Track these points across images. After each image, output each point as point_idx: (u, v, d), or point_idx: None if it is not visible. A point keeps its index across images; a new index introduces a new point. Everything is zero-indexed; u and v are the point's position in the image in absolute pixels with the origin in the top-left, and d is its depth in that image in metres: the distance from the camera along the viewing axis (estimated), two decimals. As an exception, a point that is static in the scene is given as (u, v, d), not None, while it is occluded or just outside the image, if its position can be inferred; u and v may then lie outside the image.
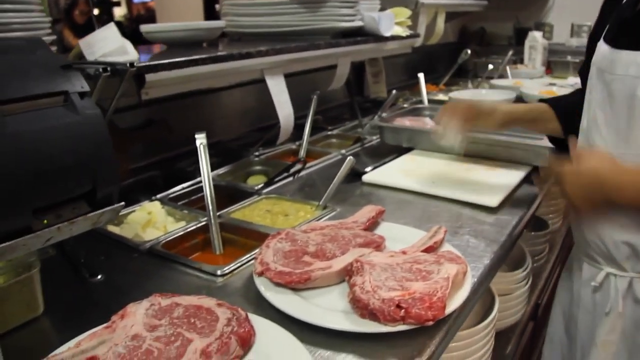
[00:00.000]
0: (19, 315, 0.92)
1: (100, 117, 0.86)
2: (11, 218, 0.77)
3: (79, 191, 0.86)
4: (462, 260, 0.99)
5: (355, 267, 0.95)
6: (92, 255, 1.16)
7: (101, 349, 0.77)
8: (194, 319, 0.82)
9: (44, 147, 0.79)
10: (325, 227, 1.14)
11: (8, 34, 1.05)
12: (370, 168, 1.66)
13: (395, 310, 0.84)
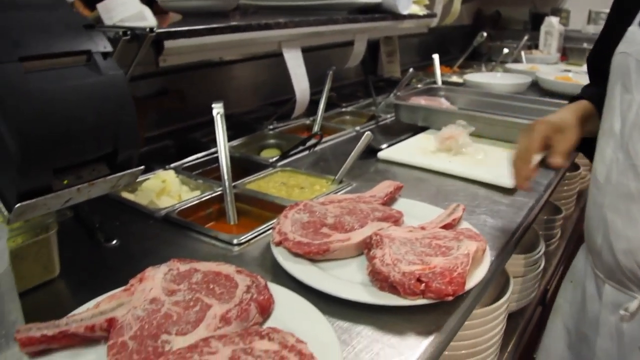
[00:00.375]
0: (35, 276, 0.92)
1: (123, 78, 0.85)
2: (32, 177, 0.76)
3: (100, 153, 0.85)
4: (482, 238, 0.98)
5: (375, 240, 0.94)
6: (107, 221, 1.15)
7: (120, 311, 0.77)
8: (212, 285, 0.82)
9: (67, 106, 0.78)
10: (343, 200, 1.13)
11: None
12: (385, 145, 1.65)
13: (416, 284, 0.83)
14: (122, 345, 0.71)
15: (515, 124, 1.64)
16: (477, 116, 1.69)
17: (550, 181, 1.47)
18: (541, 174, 1.50)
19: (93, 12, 1.26)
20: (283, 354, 0.65)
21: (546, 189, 1.42)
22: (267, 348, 0.67)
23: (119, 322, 0.75)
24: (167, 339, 0.72)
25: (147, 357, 0.69)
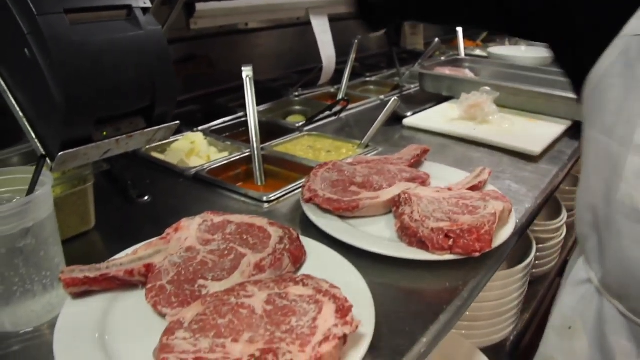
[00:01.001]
0: (73, 226, 0.95)
1: (161, 32, 0.87)
2: (75, 126, 0.79)
3: (138, 106, 0.87)
4: (508, 199, 0.99)
5: (403, 198, 0.96)
6: (138, 179, 1.18)
7: (157, 257, 0.80)
8: (246, 236, 0.84)
9: (108, 58, 0.80)
10: (371, 161, 1.15)
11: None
12: (410, 113, 1.66)
13: (444, 240, 0.85)
14: (160, 288, 0.74)
15: (540, 95, 1.64)
16: (502, 86, 1.69)
17: (574, 151, 1.47)
18: (566, 144, 1.51)
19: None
20: (318, 298, 0.68)
21: (570, 158, 1.43)
22: (301, 293, 0.69)
23: (157, 268, 0.78)
24: (203, 283, 0.75)
25: (184, 299, 0.72)
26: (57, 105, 0.75)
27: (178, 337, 0.62)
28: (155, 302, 0.72)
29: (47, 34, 0.73)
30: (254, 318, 0.65)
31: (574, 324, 0.99)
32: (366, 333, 0.66)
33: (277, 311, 0.66)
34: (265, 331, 0.63)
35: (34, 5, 0.73)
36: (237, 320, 0.65)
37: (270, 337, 0.61)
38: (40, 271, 0.73)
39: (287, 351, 0.59)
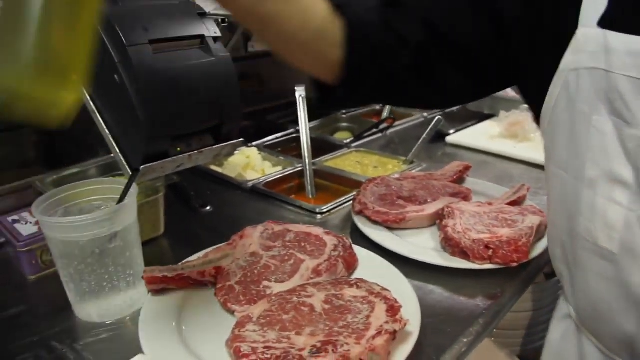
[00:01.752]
0: (146, 232, 1.04)
1: (230, 59, 0.96)
2: (155, 143, 0.89)
3: (208, 124, 0.97)
4: (544, 214, 1.06)
5: (447, 211, 1.03)
6: (200, 191, 1.29)
7: (225, 261, 0.89)
8: (304, 243, 0.93)
9: (185, 83, 0.90)
10: (416, 176, 1.23)
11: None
12: (453, 131, 1.73)
13: (484, 250, 0.92)
14: (230, 288, 0.83)
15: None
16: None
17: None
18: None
19: (190, 2, 1.40)
20: (370, 299, 0.76)
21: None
22: (355, 294, 0.78)
23: (225, 270, 0.87)
24: (267, 284, 0.84)
25: (251, 298, 0.81)
26: (140, 124, 0.85)
27: (248, 330, 0.71)
28: (226, 300, 0.81)
29: (135, 62, 0.83)
30: (314, 315, 0.74)
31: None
32: (413, 331, 0.74)
33: (334, 309, 0.75)
34: (324, 326, 0.71)
35: (125, 37, 0.83)
36: (299, 317, 0.73)
37: (329, 331, 0.70)
38: (126, 270, 0.83)
39: (345, 343, 0.67)
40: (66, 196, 0.85)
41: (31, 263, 0.94)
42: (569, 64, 0.71)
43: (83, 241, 0.77)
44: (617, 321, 0.77)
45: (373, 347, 0.66)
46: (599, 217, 0.74)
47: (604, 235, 0.74)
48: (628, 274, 0.72)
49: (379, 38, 0.84)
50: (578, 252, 0.79)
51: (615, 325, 0.78)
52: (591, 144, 0.72)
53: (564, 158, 0.78)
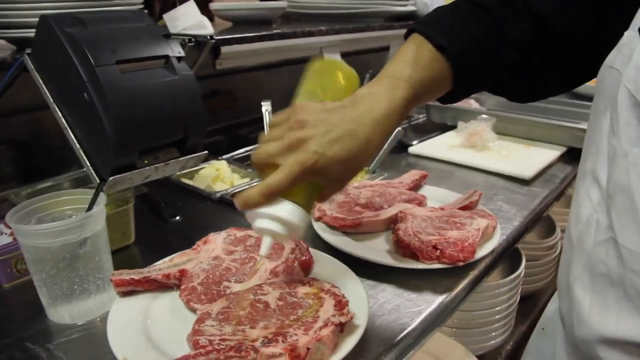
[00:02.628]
0: (116, 241, 1.10)
1: (193, 78, 1.04)
2: (123, 156, 0.95)
3: (173, 138, 1.03)
4: (493, 217, 1.13)
5: (400, 216, 1.11)
6: (170, 202, 1.35)
7: (189, 264, 0.96)
8: (263, 247, 1.00)
9: (150, 100, 0.97)
10: (374, 185, 1.30)
11: (111, 7, 1.24)
12: (416, 142, 1.81)
13: (432, 250, 0.99)
14: (192, 288, 0.90)
15: (535, 123, 1.79)
16: (501, 115, 1.84)
17: (567, 174, 1.61)
18: (559, 168, 1.64)
19: (160, 21, 1.47)
20: (320, 295, 0.83)
21: (562, 181, 1.56)
22: (307, 291, 0.84)
23: (189, 272, 0.94)
24: (227, 285, 0.90)
25: (212, 297, 0.87)
26: (109, 139, 0.91)
27: (207, 325, 0.78)
28: (188, 299, 0.88)
29: (103, 80, 0.90)
30: (269, 311, 0.80)
31: (547, 327, 1.10)
32: (360, 324, 0.81)
33: (287, 305, 0.81)
34: (277, 320, 0.78)
35: (93, 58, 0.90)
36: (254, 312, 0.80)
37: (281, 324, 0.77)
38: (95, 274, 0.89)
39: (294, 334, 0.73)
40: (39, 206, 0.91)
41: (6, 272, 1.00)
42: (607, 61, 0.74)
43: (55, 247, 0.83)
44: (560, 298, 0.86)
45: (319, 337, 0.73)
46: (576, 206, 0.80)
47: (574, 223, 0.81)
48: (573, 265, 0.79)
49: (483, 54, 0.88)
50: (566, 233, 0.86)
51: (560, 304, 0.86)
52: (593, 137, 0.77)
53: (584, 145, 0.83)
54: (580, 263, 0.77)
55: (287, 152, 0.75)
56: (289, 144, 0.75)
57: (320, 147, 0.74)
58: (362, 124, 0.77)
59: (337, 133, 0.75)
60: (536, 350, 1.12)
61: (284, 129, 0.78)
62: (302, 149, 0.74)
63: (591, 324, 0.75)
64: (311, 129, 0.75)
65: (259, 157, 0.78)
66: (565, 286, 0.82)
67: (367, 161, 0.80)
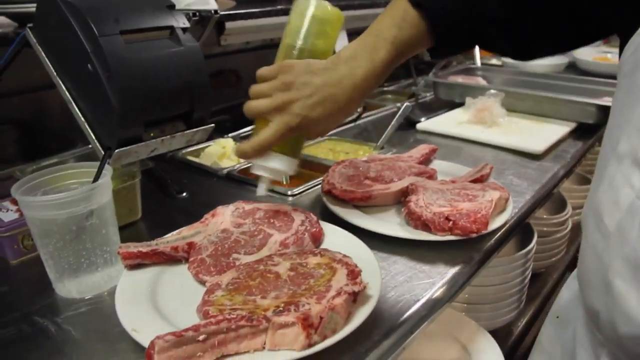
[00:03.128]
0: (123, 216, 1.09)
1: (199, 49, 1.01)
2: (129, 128, 0.93)
3: (179, 111, 1.02)
4: (505, 189, 1.11)
5: (411, 188, 1.09)
6: (176, 179, 1.33)
7: (197, 237, 0.94)
8: (273, 220, 0.98)
9: (155, 71, 0.95)
10: (384, 159, 1.28)
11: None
12: (424, 119, 1.79)
13: (445, 222, 0.98)
14: (201, 261, 0.88)
15: (544, 98, 1.76)
16: (509, 91, 1.81)
17: (577, 150, 1.58)
18: (570, 144, 1.62)
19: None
20: (332, 265, 0.81)
21: (573, 156, 1.54)
22: (319, 262, 0.83)
23: (197, 245, 0.92)
24: (237, 257, 0.89)
25: (221, 269, 0.86)
26: (114, 111, 0.90)
27: (217, 295, 0.76)
28: (197, 272, 0.86)
29: (107, 51, 0.88)
30: (279, 281, 0.79)
31: (562, 315, 1.07)
32: (373, 295, 0.79)
33: (298, 276, 0.80)
34: (288, 290, 0.76)
35: (96, 28, 0.88)
36: (265, 283, 0.78)
37: (293, 294, 0.75)
38: (102, 246, 0.88)
39: (306, 303, 0.72)
40: (44, 180, 0.90)
41: (13, 248, 0.98)
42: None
43: (61, 219, 0.82)
44: (591, 295, 0.82)
45: (333, 306, 0.71)
46: (612, 192, 0.75)
47: (608, 211, 0.75)
48: (611, 257, 0.74)
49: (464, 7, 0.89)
50: (588, 219, 0.82)
51: (589, 298, 0.83)
52: (631, 118, 0.71)
53: (610, 125, 0.79)
54: (621, 256, 0.72)
55: (275, 112, 0.87)
56: (276, 106, 0.87)
57: (303, 109, 0.85)
58: (342, 87, 0.86)
59: (319, 97, 0.85)
60: (550, 339, 1.09)
61: (272, 87, 0.88)
62: (287, 111, 0.86)
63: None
64: (296, 92, 0.85)
65: (250, 110, 0.92)
66: (600, 281, 0.77)
67: (346, 118, 0.93)
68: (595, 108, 1.67)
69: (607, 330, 0.79)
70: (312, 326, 0.69)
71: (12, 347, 0.78)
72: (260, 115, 0.91)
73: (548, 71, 2.44)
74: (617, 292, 0.73)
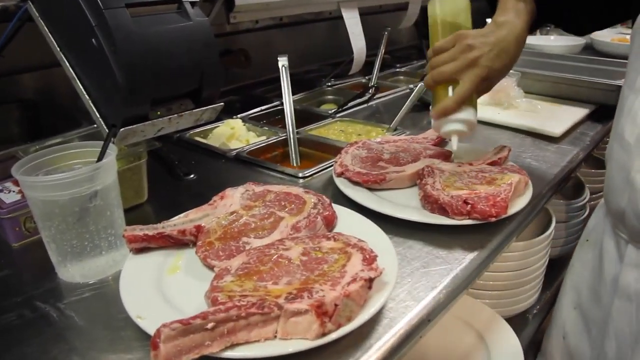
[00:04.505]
0: (128, 199, 1.06)
1: (208, 23, 0.97)
2: (135, 105, 0.90)
3: (188, 88, 0.98)
4: (525, 172, 1.07)
5: (427, 170, 1.05)
6: (184, 160, 1.30)
7: (206, 220, 0.90)
8: (284, 202, 0.94)
9: (163, 46, 0.91)
10: (398, 140, 1.24)
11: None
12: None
13: (463, 205, 0.93)
14: (209, 244, 0.85)
15: (563, 79, 1.71)
16: (526, 72, 1.75)
17: (596, 133, 1.53)
18: (588, 127, 1.57)
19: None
20: (347, 249, 0.77)
21: (592, 139, 1.49)
22: (332, 246, 0.79)
23: (206, 228, 0.88)
24: (247, 240, 0.85)
25: (230, 253, 0.82)
26: (120, 87, 0.86)
27: (226, 281, 0.73)
28: (205, 256, 0.82)
29: (112, 25, 0.84)
30: (292, 266, 0.75)
31: (590, 237, 1.30)
32: (389, 281, 0.75)
33: (311, 261, 0.76)
34: (301, 276, 0.73)
35: (101, 0, 0.84)
36: (276, 268, 0.75)
37: (306, 280, 0.71)
38: (107, 229, 0.84)
39: (320, 289, 0.68)
40: (46, 160, 0.86)
41: (14, 230, 0.95)
42: None
43: (63, 200, 0.78)
44: (617, 198, 1.09)
45: (348, 293, 0.67)
46: (631, 117, 1.04)
47: (629, 131, 1.04)
48: (633, 160, 1.03)
49: None
50: (614, 147, 1.10)
51: (616, 201, 1.10)
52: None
53: (629, 70, 1.08)
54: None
55: (466, 69, 1.01)
56: (466, 64, 1.00)
57: (488, 61, 1.01)
58: (509, 42, 1.03)
59: (497, 50, 1.01)
60: (581, 260, 1.32)
61: (456, 52, 1.02)
62: (477, 65, 1.00)
63: None
64: (478, 50, 1.01)
65: (439, 76, 1.03)
66: (624, 183, 1.06)
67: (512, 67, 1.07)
68: (616, 89, 1.61)
69: (631, 222, 1.08)
70: (326, 314, 0.66)
71: (13, 332, 0.75)
72: (446, 79, 1.03)
73: (564, 52, 2.38)
74: (638, 185, 1.03)
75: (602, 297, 1.21)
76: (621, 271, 1.15)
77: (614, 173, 1.11)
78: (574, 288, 1.32)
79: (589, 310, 1.26)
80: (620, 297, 1.15)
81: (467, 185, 1.00)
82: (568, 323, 1.34)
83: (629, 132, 1.04)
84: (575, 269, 1.34)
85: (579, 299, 1.30)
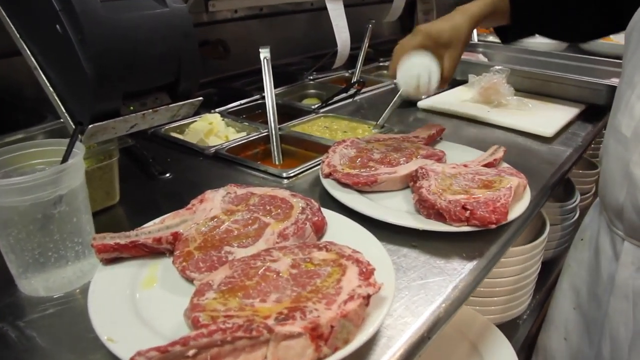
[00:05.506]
0: (99, 201, 0.97)
1: (186, 10, 0.89)
2: (105, 100, 0.81)
3: (164, 81, 0.90)
4: (522, 175, 1.01)
5: (421, 172, 0.98)
6: (159, 158, 1.21)
7: (184, 226, 0.83)
8: (269, 207, 0.87)
9: (136, 34, 0.83)
10: (388, 139, 1.17)
11: None
12: (425, 96, 1.67)
13: (461, 211, 0.87)
14: (188, 254, 0.77)
15: (554, 78, 1.65)
16: (515, 70, 1.70)
17: (587, 133, 1.49)
18: (579, 127, 1.52)
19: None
20: (341, 262, 0.70)
21: (584, 140, 1.44)
22: (325, 257, 0.72)
23: (184, 236, 0.81)
24: (229, 250, 0.77)
25: (212, 264, 0.75)
26: (88, 79, 0.78)
27: (208, 298, 0.65)
28: (184, 268, 0.75)
29: (79, 10, 0.76)
30: (281, 280, 0.68)
31: (585, 235, 1.29)
32: (387, 296, 0.69)
33: (302, 274, 0.69)
34: (291, 292, 0.65)
35: (66, -19, 0.75)
36: (264, 283, 0.67)
37: (297, 297, 0.64)
38: (73, 238, 0.76)
39: (314, 309, 0.61)
40: (4, 159, 0.77)
41: (-30, 236, 0.86)
42: None
43: (23, 206, 0.70)
44: (615, 193, 1.08)
45: (345, 313, 0.61)
46: (628, 110, 1.04)
47: (626, 124, 1.04)
48: (630, 154, 1.02)
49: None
50: (610, 142, 1.10)
51: (614, 196, 1.09)
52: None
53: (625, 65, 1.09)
54: (638, 151, 1.00)
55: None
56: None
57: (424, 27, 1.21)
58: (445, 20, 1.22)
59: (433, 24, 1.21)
60: (576, 260, 1.30)
61: None
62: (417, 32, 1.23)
63: None
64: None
65: None
66: (622, 176, 1.05)
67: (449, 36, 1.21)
68: (606, 89, 1.56)
69: (629, 216, 1.07)
70: (321, 337, 0.59)
71: (-37, 356, 0.66)
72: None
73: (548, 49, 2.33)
74: (636, 178, 1.02)
75: (600, 296, 1.20)
76: (617, 269, 1.14)
77: (611, 167, 1.10)
78: (572, 288, 1.30)
79: (589, 310, 1.24)
80: (617, 295, 1.14)
81: (464, 189, 0.94)
82: (569, 324, 1.31)
83: (625, 125, 1.04)
84: (572, 269, 1.32)
85: (578, 299, 1.28)
